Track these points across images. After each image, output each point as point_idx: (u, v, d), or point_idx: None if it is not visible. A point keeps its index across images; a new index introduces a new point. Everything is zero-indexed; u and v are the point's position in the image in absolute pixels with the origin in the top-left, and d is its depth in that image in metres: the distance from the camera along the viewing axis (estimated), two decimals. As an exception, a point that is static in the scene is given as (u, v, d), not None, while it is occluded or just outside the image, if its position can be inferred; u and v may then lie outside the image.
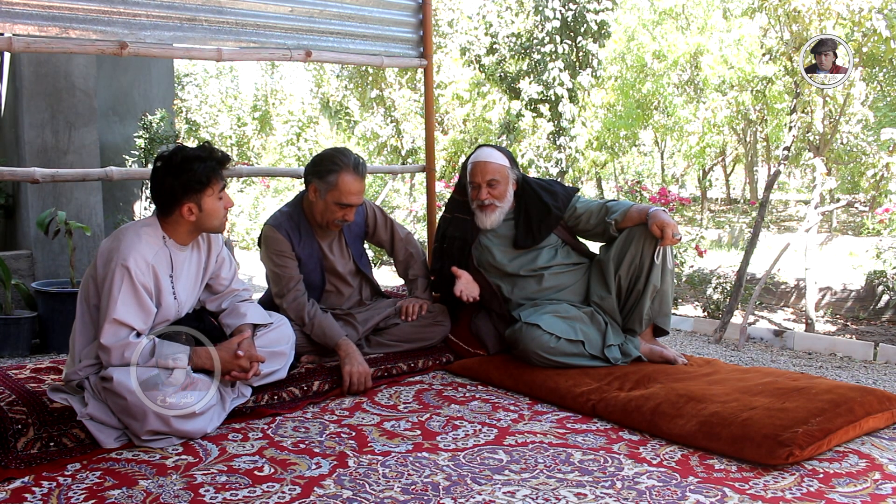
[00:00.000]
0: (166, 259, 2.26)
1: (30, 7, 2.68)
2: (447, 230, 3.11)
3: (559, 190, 3.02)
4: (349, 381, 2.64)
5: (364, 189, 2.84)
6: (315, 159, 2.84)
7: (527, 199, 2.99)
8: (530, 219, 2.96)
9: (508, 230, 3.00)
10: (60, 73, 5.04)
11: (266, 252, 2.87)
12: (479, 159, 2.96)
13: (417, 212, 9.48)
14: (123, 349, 2.11)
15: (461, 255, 3.04)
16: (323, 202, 2.79)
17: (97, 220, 5.22)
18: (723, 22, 12.65)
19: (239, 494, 1.82)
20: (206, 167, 2.22)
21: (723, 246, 10.82)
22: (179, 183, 2.20)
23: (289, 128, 15.29)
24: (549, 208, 2.94)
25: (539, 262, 2.95)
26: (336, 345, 2.75)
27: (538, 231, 2.95)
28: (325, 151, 2.85)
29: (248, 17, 3.19)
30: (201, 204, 2.24)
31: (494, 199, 2.94)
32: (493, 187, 2.93)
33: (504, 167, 2.95)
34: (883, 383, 3.99)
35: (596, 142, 13.21)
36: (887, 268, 6.82)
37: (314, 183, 2.80)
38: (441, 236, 3.13)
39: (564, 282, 2.95)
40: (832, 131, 5.80)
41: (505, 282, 2.99)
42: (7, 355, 4.21)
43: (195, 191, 2.22)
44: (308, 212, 2.89)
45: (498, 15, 11.15)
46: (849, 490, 1.85)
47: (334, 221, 2.82)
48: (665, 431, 2.20)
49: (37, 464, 1.99)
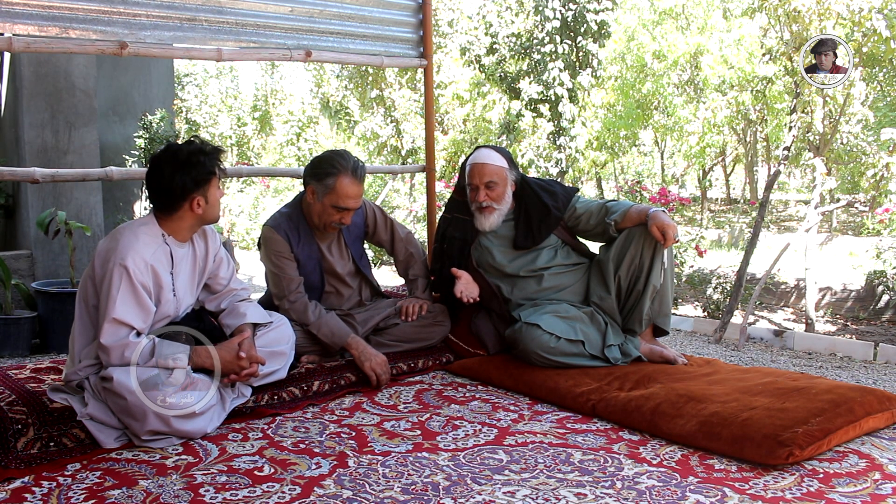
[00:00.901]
0: (166, 256, 2.25)
1: (30, 7, 2.68)
2: (447, 231, 3.10)
3: (559, 190, 3.02)
4: (374, 376, 2.69)
5: (362, 193, 2.83)
6: (314, 161, 2.84)
7: (526, 200, 2.98)
8: (530, 219, 2.96)
9: (508, 231, 3.00)
10: (60, 73, 5.04)
11: (265, 253, 2.88)
12: (476, 161, 2.95)
13: (417, 212, 9.48)
14: (123, 349, 2.11)
15: (461, 255, 3.03)
16: (320, 205, 2.79)
17: (97, 220, 5.22)
18: (723, 22, 12.64)
19: (239, 494, 1.82)
20: (210, 158, 2.26)
21: (723, 246, 10.82)
22: (191, 178, 2.22)
23: (289, 128, 15.29)
24: (548, 209, 2.94)
25: (539, 263, 2.95)
26: (346, 344, 2.76)
27: (538, 232, 2.95)
28: (325, 154, 2.85)
29: (248, 17, 3.19)
30: (207, 196, 2.27)
31: (492, 202, 2.93)
32: (491, 189, 2.93)
33: (502, 169, 2.94)
34: (883, 383, 3.98)
35: (596, 142, 13.21)
36: (887, 268, 6.82)
37: (312, 185, 2.80)
38: (441, 236, 3.13)
39: (564, 282, 2.95)
40: (832, 131, 5.80)
41: (505, 282, 2.99)
42: (7, 355, 4.21)
43: (205, 182, 2.25)
44: (307, 213, 2.89)
45: (498, 15, 11.15)
46: (849, 490, 1.85)
47: (331, 224, 2.83)
48: (665, 431, 2.20)
49: (37, 464, 1.99)
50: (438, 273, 3.11)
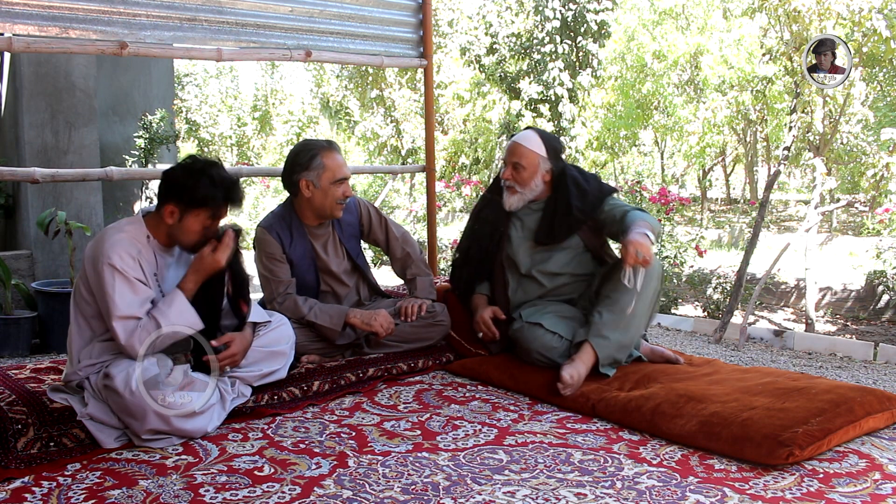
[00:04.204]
0: (151, 258, 2.24)
1: (30, 7, 2.68)
2: (482, 212, 3.03)
3: (593, 190, 2.85)
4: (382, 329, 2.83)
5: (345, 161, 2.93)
6: (290, 159, 2.86)
7: (557, 195, 2.86)
8: (554, 216, 2.87)
9: (534, 223, 2.92)
10: (60, 73, 5.04)
11: (258, 255, 2.91)
12: (515, 140, 2.89)
13: (417, 212, 9.48)
14: (135, 338, 2.11)
15: (490, 241, 2.97)
16: (321, 190, 2.81)
17: (97, 220, 5.22)
18: (723, 22, 12.63)
19: (239, 494, 1.82)
20: (210, 192, 2.17)
21: (723, 246, 10.82)
22: (181, 184, 2.18)
23: (289, 128, 15.30)
24: (571, 209, 2.81)
25: (550, 266, 2.88)
26: (347, 318, 2.83)
27: (558, 230, 2.85)
28: (295, 149, 2.89)
29: (248, 17, 3.20)
30: (185, 217, 2.20)
31: (515, 183, 2.85)
32: (517, 171, 2.84)
33: (535, 154, 2.82)
34: (883, 383, 3.98)
35: (596, 142, 13.21)
36: (887, 268, 6.82)
37: (304, 177, 2.81)
38: (475, 216, 3.05)
39: (567, 292, 2.91)
40: (832, 131, 5.80)
41: (513, 279, 2.95)
42: (7, 355, 4.21)
43: (190, 203, 2.18)
44: (301, 212, 2.90)
45: (498, 15, 11.16)
46: (849, 490, 1.85)
47: (337, 203, 2.84)
48: (665, 431, 2.20)
49: (37, 464, 1.99)
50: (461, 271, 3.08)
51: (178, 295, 2.19)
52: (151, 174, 3.90)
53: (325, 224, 2.96)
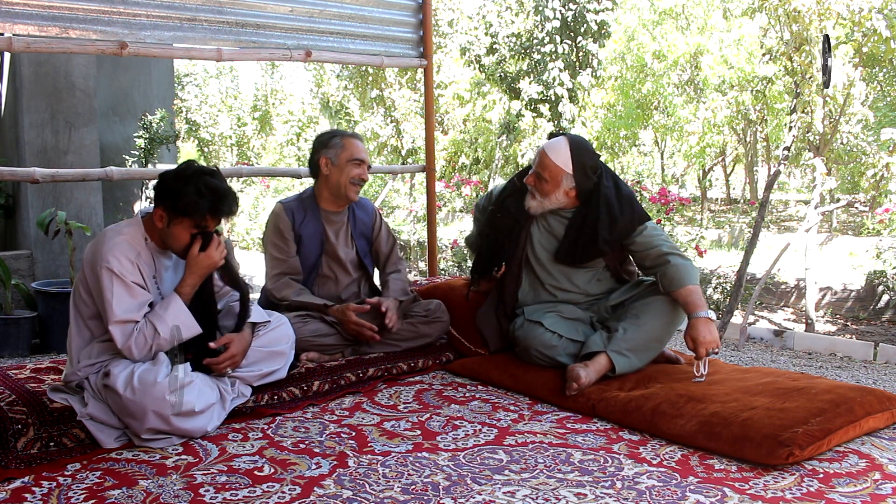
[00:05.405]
0: (149, 260, 2.24)
1: (30, 7, 2.69)
2: (507, 200, 2.90)
3: (625, 219, 2.71)
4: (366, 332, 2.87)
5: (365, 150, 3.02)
6: (316, 141, 3.01)
7: (587, 212, 2.74)
8: (578, 238, 2.75)
9: (558, 231, 2.83)
10: (60, 73, 5.04)
11: (268, 230, 3.00)
12: (544, 148, 2.76)
13: (417, 212, 9.47)
14: (132, 342, 2.11)
15: (507, 237, 2.89)
16: (338, 168, 2.92)
17: (97, 220, 5.22)
18: (723, 22, 12.62)
19: (239, 494, 1.82)
20: (194, 201, 2.14)
21: (723, 246, 10.81)
22: (169, 190, 2.16)
23: (289, 128, 15.28)
24: (597, 239, 2.71)
25: (566, 284, 2.84)
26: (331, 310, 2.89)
27: (580, 255, 2.78)
28: (320, 134, 3.04)
29: (248, 17, 3.20)
30: (172, 223, 2.18)
31: (537, 192, 2.76)
32: (540, 181, 2.74)
33: (560, 170, 2.69)
34: (883, 383, 3.98)
35: (596, 142, 13.19)
36: (887, 268, 6.82)
37: (324, 155, 2.93)
38: (501, 201, 2.91)
39: (577, 301, 2.87)
40: (832, 131, 5.80)
41: (526, 282, 2.91)
42: (7, 355, 4.21)
43: (178, 210, 2.16)
44: (319, 193, 3.00)
45: (498, 15, 11.17)
46: (849, 490, 1.86)
47: (352, 182, 2.93)
48: (665, 431, 2.20)
49: (37, 464, 1.99)
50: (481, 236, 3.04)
51: (175, 299, 2.19)
52: (151, 174, 3.89)
53: (342, 213, 3.04)
